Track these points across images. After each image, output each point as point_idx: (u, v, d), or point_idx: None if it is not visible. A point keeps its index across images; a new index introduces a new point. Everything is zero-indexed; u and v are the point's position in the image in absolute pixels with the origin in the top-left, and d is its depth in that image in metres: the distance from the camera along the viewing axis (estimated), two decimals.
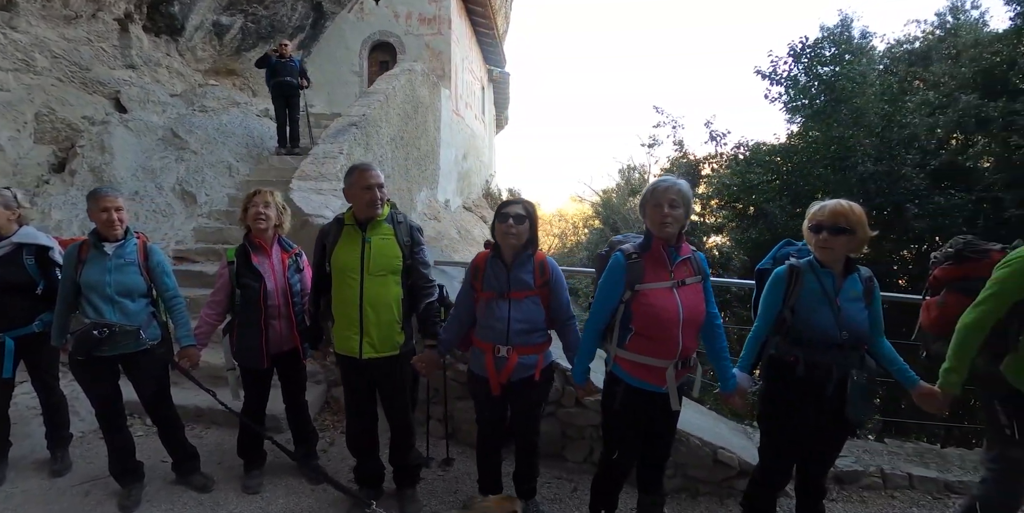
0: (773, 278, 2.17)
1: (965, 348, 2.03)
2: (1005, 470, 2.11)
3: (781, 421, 2.17)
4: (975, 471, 3.18)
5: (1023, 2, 7.91)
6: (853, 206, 2.08)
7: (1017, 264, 1.98)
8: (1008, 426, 2.07)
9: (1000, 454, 2.12)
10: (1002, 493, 2.13)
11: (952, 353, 2.05)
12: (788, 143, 9.23)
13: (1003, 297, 1.99)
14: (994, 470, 2.15)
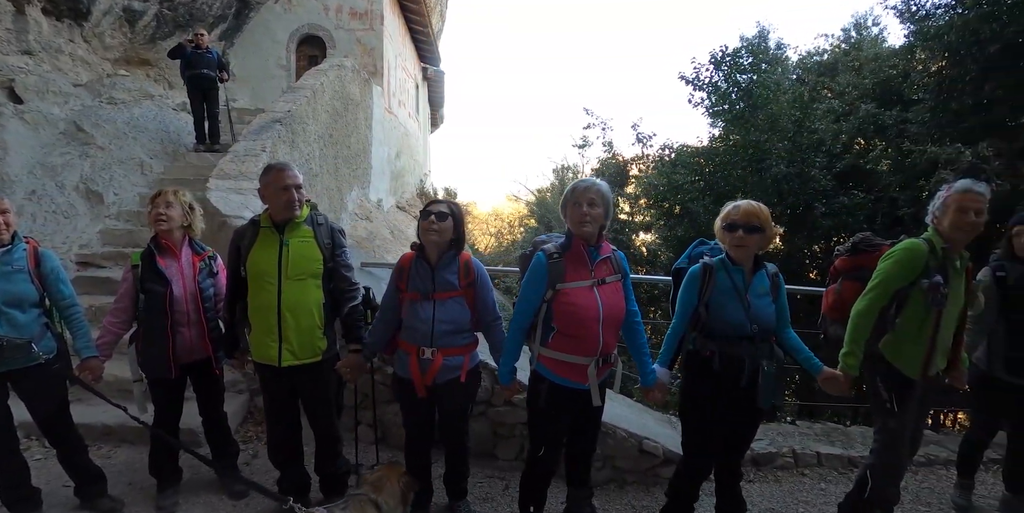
0: (688, 276, 2.28)
1: (858, 333, 2.25)
2: (888, 439, 2.34)
3: (701, 414, 2.28)
4: None
5: (916, 21, 8.72)
6: (762, 206, 2.23)
7: (897, 256, 2.23)
8: (888, 400, 2.30)
9: (883, 425, 2.35)
10: (888, 459, 2.35)
11: (848, 338, 2.26)
12: (710, 146, 9.75)
13: (887, 286, 2.23)
14: (879, 440, 2.38)
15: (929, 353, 2.24)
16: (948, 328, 2.27)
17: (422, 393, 2.29)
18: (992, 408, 2.93)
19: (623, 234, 9.13)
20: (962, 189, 2.21)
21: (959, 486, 3.10)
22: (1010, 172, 6.05)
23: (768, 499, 3.05)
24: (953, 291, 2.22)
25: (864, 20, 13.38)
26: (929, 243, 2.22)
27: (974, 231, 2.18)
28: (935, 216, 2.28)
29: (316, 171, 6.63)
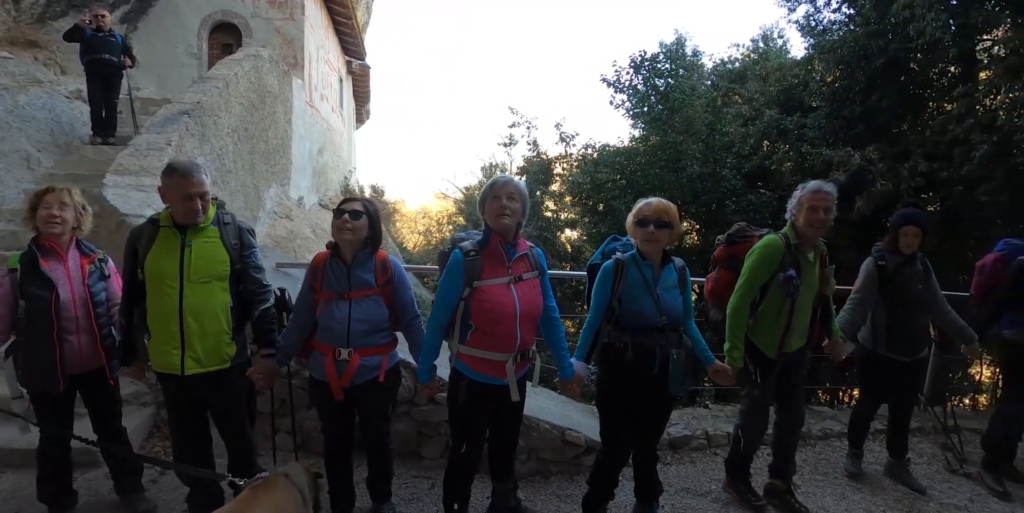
0: (602, 272, 2.37)
1: (737, 328, 2.57)
2: (753, 404, 2.78)
3: (617, 404, 2.38)
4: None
5: (815, 36, 9.49)
6: (670, 204, 2.36)
7: (758, 253, 2.56)
8: (753, 373, 2.67)
9: (749, 393, 2.78)
10: (753, 420, 2.80)
11: (729, 334, 2.57)
12: (631, 146, 10.15)
13: (752, 282, 2.58)
14: (746, 405, 2.83)
15: (783, 335, 2.59)
16: (802, 312, 2.62)
17: (339, 396, 2.24)
18: (876, 382, 3.28)
19: (548, 231, 9.33)
20: (814, 189, 2.54)
21: (850, 455, 3.45)
22: (892, 173, 6.73)
23: (684, 479, 3.24)
24: (806, 280, 2.57)
25: (771, 32, 14.45)
26: (785, 238, 2.56)
27: (824, 227, 2.51)
28: (792, 213, 2.60)
29: (229, 167, 6.27)
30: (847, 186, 6.65)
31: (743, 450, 2.88)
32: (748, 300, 2.58)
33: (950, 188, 6.46)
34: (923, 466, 3.62)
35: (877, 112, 7.45)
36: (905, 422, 3.32)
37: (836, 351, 2.89)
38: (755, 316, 2.62)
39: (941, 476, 3.51)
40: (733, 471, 2.98)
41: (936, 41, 6.82)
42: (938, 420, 3.86)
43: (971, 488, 3.35)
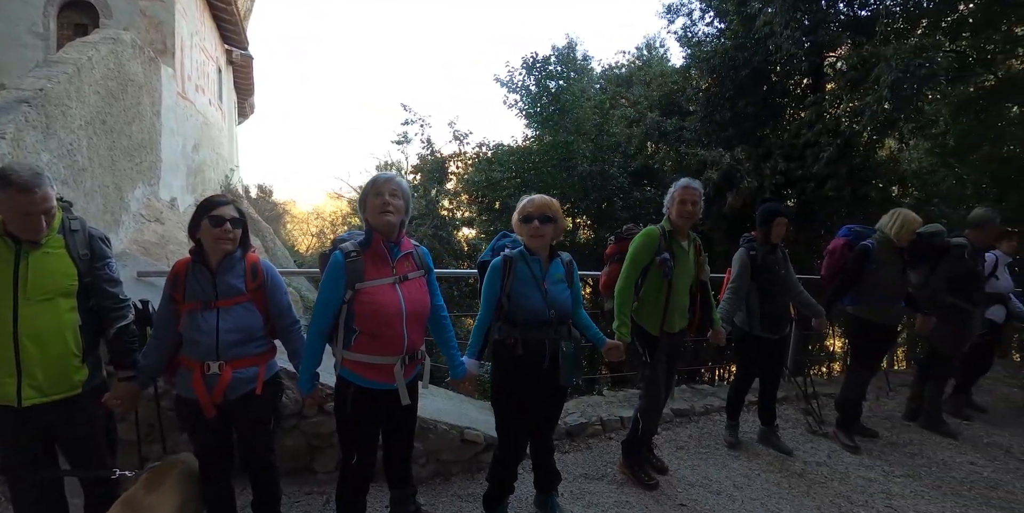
0: (490, 269, 2.39)
1: (623, 306, 2.82)
2: (648, 384, 2.94)
3: (511, 399, 2.41)
4: None
5: (691, 46, 10.28)
6: (553, 200, 2.43)
7: (639, 240, 2.86)
8: (643, 353, 2.90)
9: (642, 374, 2.96)
10: (650, 400, 2.96)
11: (617, 312, 2.80)
12: (525, 145, 10.40)
13: (635, 264, 2.84)
14: (642, 387, 3.00)
15: (664, 314, 2.85)
16: (680, 294, 2.90)
17: (211, 413, 2.04)
18: (751, 359, 3.65)
19: (444, 230, 9.31)
20: (683, 185, 2.88)
21: (729, 427, 3.80)
22: (757, 172, 7.49)
23: (581, 466, 3.36)
24: (681, 265, 2.87)
25: (654, 42, 15.42)
26: (662, 228, 2.87)
27: (693, 218, 2.86)
28: (667, 207, 2.91)
29: (84, 165, 5.54)
30: (720, 183, 7.31)
31: (642, 431, 3.05)
32: (632, 282, 2.84)
33: (804, 185, 7.36)
34: (789, 430, 4.08)
35: (744, 117, 8.26)
36: (773, 392, 3.72)
37: (719, 338, 3.20)
38: (639, 298, 2.88)
39: (804, 438, 3.97)
40: (629, 452, 3.16)
41: (791, 56, 7.69)
42: (800, 388, 4.35)
43: (829, 446, 3.83)
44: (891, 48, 6.47)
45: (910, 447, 3.92)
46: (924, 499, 3.16)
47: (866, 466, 3.55)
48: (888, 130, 7.37)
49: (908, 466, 3.59)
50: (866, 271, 3.62)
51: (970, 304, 4.01)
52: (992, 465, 3.71)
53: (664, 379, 3.00)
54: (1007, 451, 3.98)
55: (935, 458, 3.75)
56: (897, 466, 3.57)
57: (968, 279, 3.97)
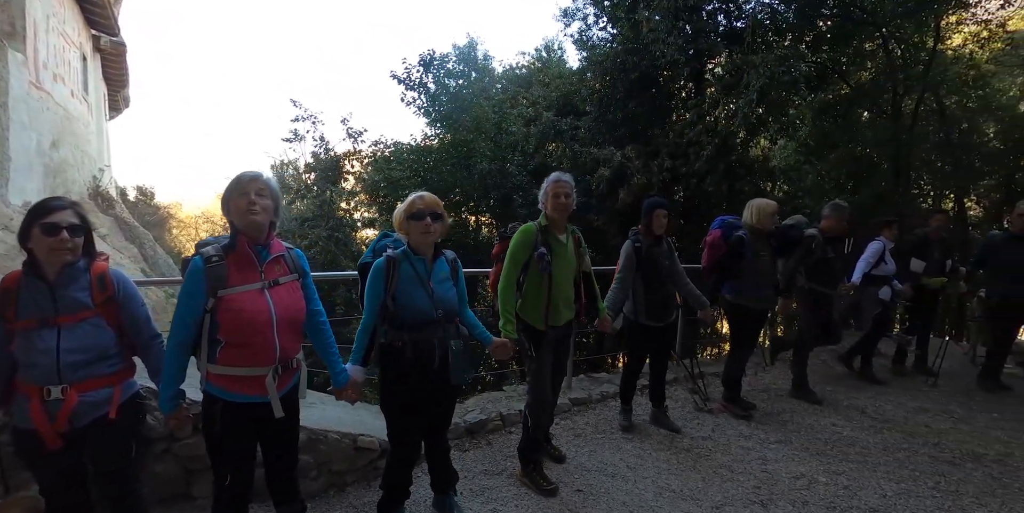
0: (373, 270, 2.31)
1: (507, 303, 2.83)
2: (535, 379, 2.96)
3: (401, 403, 2.35)
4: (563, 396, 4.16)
5: (586, 49, 10.66)
6: (437, 198, 2.39)
7: (516, 237, 2.90)
8: (528, 348, 2.92)
9: (529, 369, 2.98)
10: (537, 395, 2.96)
11: (501, 310, 2.82)
12: (425, 144, 10.30)
13: (515, 262, 2.87)
14: (530, 382, 3.02)
15: (547, 308, 2.90)
16: (563, 286, 2.96)
17: (53, 443, 1.79)
18: (639, 346, 3.83)
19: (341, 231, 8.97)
20: (555, 180, 2.94)
21: (622, 412, 3.97)
22: (646, 169, 7.95)
23: (481, 462, 3.36)
24: (561, 258, 2.92)
25: (552, 44, 15.89)
26: (538, 224, 2.91)
27: (567, 210, 2.91)
28: (542, 202, 2.96)
29: None
30: (613, 180, 7.66)
31: (533, 427, 3.04)
32: (513, 279, 2.86)
33: (688, 181, 7.92)
34: (679, 409, 4.34)
35: (635, 117, 8.74)
36: (662, 376, 3.93)
37: (605, 327, 3.34)
38: (522, 294, 2.91)
39: (692, 415, 4.24)
40: (525, 459, 3.12)
41: (674, 61, 8.23)
42: (687, 370, 4.65)
43: (713, 420, 4.12)
44: (759, 57, 7.14)
45: (783, 415, 4.32)
46: (794, 461, 3.49)
47: (745, 436, 3.86)
48: (759, 130, 8.11)
49: (781, 432, 3.96)
50: (742, 261, 3.93)
51: (826, 288, 4.51)
52: (850, 425, 4.18)
53: (551, 372, 3.05)
54: (862, 411, 4.50)
55: (803, 423, 4.17)
56: (772, 433, 3.92)
57: (821, 266, 4.47)
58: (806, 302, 4.51)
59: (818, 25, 10.11)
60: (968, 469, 3.52)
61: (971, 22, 11.47)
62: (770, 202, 3.98)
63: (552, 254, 2.86)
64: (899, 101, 11.28)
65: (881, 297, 5.20)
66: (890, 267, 5.20)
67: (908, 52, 11.31)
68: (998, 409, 4.70)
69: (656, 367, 3.91)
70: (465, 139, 9.00)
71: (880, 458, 3.61)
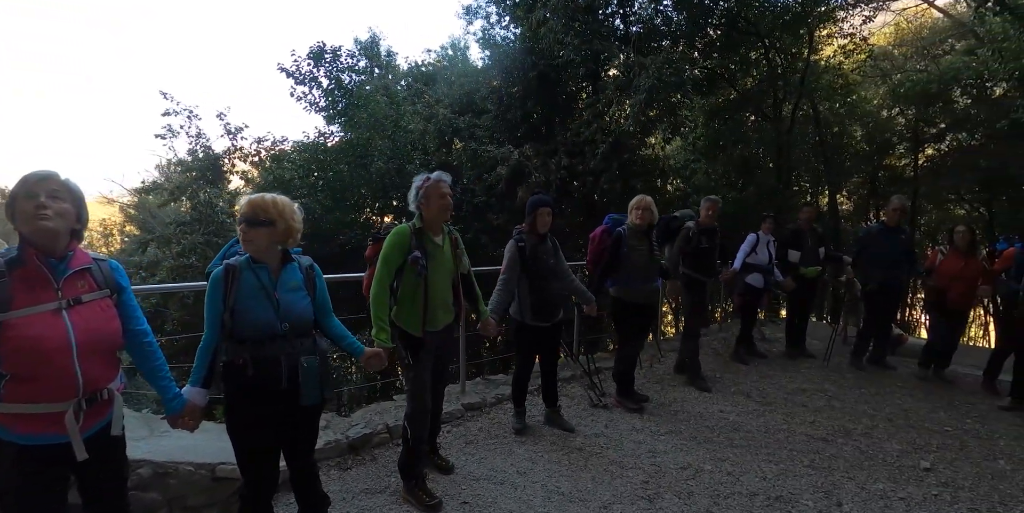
0: (210, 282, 2.03)
1: (380, 310, 2.63)
2: (412, 387, 2.80)
3: (248, 429, 2.07)
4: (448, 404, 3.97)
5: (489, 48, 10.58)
6: (276, 199, 2.10)
7: (389, 240, 2.70)
8: (406, 356, 2.77)
9: (407, 377, 2.82)
10: (415, 405, 2.80)
11: (374, 318, 2.61)
12: (318, 141, 9.71)
13: (387, 266, 2.68)
14: (407, 390, 2.85)
15: (424, 313, 2.73)
16: (440, 290, 2.80)
17: None
18: (527, 346, 3.70)
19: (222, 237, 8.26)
20: (437, 179, 2.77)
21: (516, 414, 3.84)
22: (544, 167, 7.98)
23: (364, 480, 3.09)
24: (436, 260, 2.77)
25: (459, 42, 15.75)
26: (412, 226, 2.73)
27: (445, 210, 2.76)
28: (420, 203, 2.76)
29: None
30: (511, 179, 7.61)
31: (413, 439, 2.84)
32: (386, 284, 2.68)
33: (585, 178, 8.05)
34: (574, 407, 4.28)
35: (534, 116, 8.77)
36: (553, 375, 3.84)
37: (487, 329, 3.20)
38: (397, 300, 2.73)
39: (587, 412, 4.19)
40: (406, 474, 2.90)
41: (571, 61, 8.33)
42: (582, 367, 4.61)
43: (607, 416, 4.10)
44: (649, 59, 7.38)
45: (674, 405, 4.39)
46: (683, 451, 3.52)
47: (637, 429, 3.86)
48: (650, 130, 8.40)
49: (671, 423, 4.00)
50: (621, 255, 3.94)
51: (702, 275, 4.71)
52: (736, 410, 4.32)
53: (431, 379, 2.88)
54: (747, 396, 4.69)
55: (693, 412, 4.25)
56: (663, 424, 3.95)
57: (697, 255, 4.68)
58: (687, 290, 4.72)
59: (708, 33, 10.73)
60: (839, 444, 3.73)
61: (839, 35, 12.71)
62: (644, 197, 4.03)
63: (427, 257, 2.71)
64: (779, 106, 12.23)
65: (749, 282, 5.57)
66: (761, 257, 5.56)
67: (787, 61, 12.31)
68: (866, 385, 5.09)
69: (546, 368, 3.80)
70: (361, 136, 8.58)
71: (762, 440, 3.74)
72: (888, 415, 4.34)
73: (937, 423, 4.22)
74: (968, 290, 4.92)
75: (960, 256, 4.90)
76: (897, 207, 5.28)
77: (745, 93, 12.39)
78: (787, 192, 11.90)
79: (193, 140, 8.66)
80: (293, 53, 9.04)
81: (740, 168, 12.46)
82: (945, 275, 4.96)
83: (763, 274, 5.57)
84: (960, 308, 5.03)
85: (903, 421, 4.23)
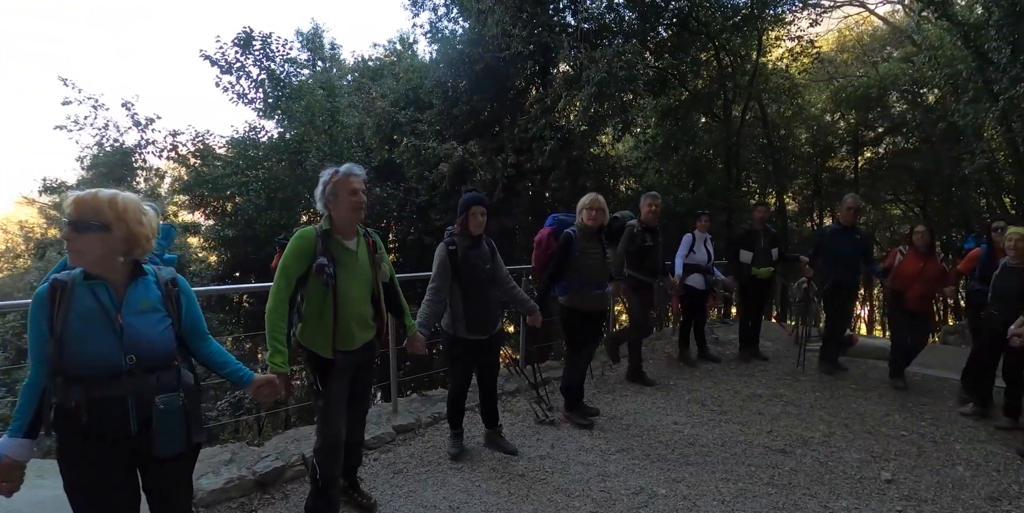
0: (33, 302, 1.56)
1: (275, 330, 2.22)
2: (322, 416, 2.39)
3: (87, 490, 1.59)
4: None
5: (437, 41, 10.14)
6: (117, 196, 1.59)
7: (290, 245, 2.29)
8: (313, 382, 2.35)
9: (315, 405, 2.40)
10: (325, 437, 2.40)
11: (269, 338, 2.19)
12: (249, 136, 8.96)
13: (286, 277, 2.27)
14: (317, 420, 2.44)
15: (334, 331, 2.31)
16: (355, 302, 2.38)
17: None
18: (463, 363, 3.28)
19: None
20: (347, 173, 2.34)
21: (452, 437, 3.42)
22: (490, 165, 7.59)
23: None
24: (348, 268, 2.35)
25: (408, 36, 15.24)
26: (318, 229, 2.32)
27: (359, 209, 2.35)
28: (328, 201, 2.34)
29: None
30: (454, 177, 7.20)
31: (322, 478, 2.41)
32: (284, 297, 2.27)
33: (533, 176, 7.70)
34: (518, 425, 3.90)
35: (480, 111, 8.37)
36: (492, 394, 3.43)
37: (415, 346, 2.79)
38: (301, 316, 2.35)
39: (532, 430, 3.81)
40: None
41: (519, 54, 7.97)
42: (529, 379, 4.24)
43: (555, 434, 3.73)
44: (599, 52, 7.11)
45: (626, 418, 4.08)
46: (635, 473, 3.20)
47: (586, 449, 3.51)
48: (600, 126, 8.15)
49: (623, 439, 3.68)
50: (571, 259, 3.59)
51: (648, 276, 4.49)
52: (691, 421, 4.05)
53: (347, 407, 2.46)
54: (702, 404, 4.44)
55: (646, 425, 3.95)
56: (614, 441, 3.63)
57: (642, 255, 4.45)
58: (629, 290, 4.50)
59: (659, 32, 10.64)
60: (798, 456, 3.50)
61: (787, 38, 12.93)
62: (591, 197, 3.68)
63: (336, 264, 2.29)
64: (729, 107, 12.30)
65: (689, 284, 5.36)
66: (700, 257, 5.38)
67: (736, 63, 12.41)
68: (820, 389, 4.94)
69: (485, 385, 3.40)
70: (296, 131, 7.95)
71: (719, 455, 3.47)
72: (844, 420, 4.18)
73: (893, 427, 4.08)
74: (928, 291, 4.83)
75: (919, 256, 4.80)
76: (851, 206, 5.18)
77: (696, 94, 12.42)
78: (737, 192, 11.98)
79: (99, 132, 7.76)
80: (218, 39, 8.26)
81: (692, 168, 12.48)
82: (904, 276, 4.85)
83: (702, 274, 5.37)
84: (920, 309, 4.93)
85: (859, 426, 4.06)
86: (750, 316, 5.97)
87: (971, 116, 9.58)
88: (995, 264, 4.23)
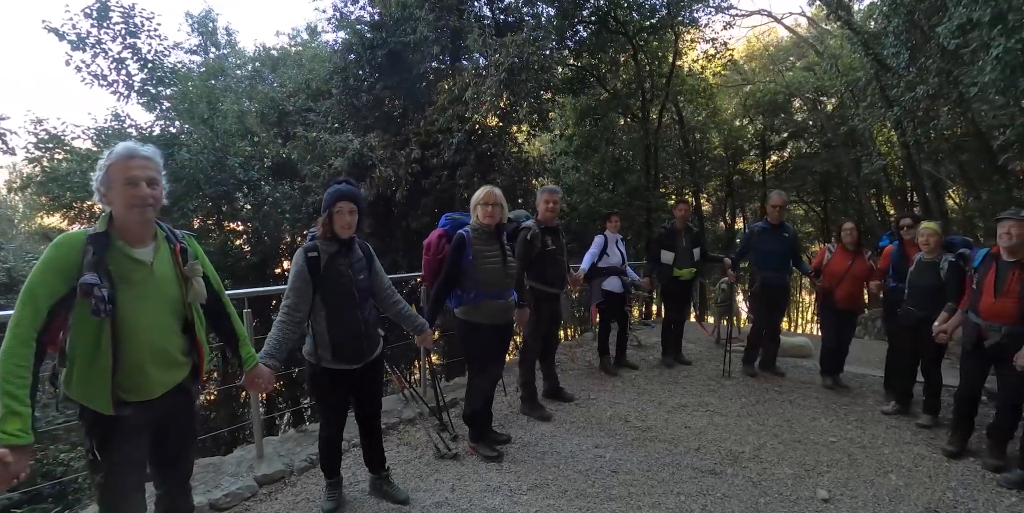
0: None
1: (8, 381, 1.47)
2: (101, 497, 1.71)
3: None
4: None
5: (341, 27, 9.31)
6: None
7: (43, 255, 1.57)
8: (89, 449, 1.65)
9: (93, 481, 1.69)
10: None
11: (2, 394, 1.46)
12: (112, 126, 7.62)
13: (34, 302, 1.54)
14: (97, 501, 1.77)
15: (113, 376, 1.60)
16: (149, 333, 1.68)
17: None
18: (331, 399, 2.59)
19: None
20: (125, 155, 1.63)
21: (327, 487, 2.74)
22: (392, 160, 6.89)
23: None
24: (140, 286, 1.66)
25: (316, 25, 14.27)
26: (93, 231, 1.62)
27: (143, 206, 1.62)
28: (101, 193, 1.63)
29: None
30: (350, 173, 6.45)
31: None
32: (26, 332, 1.52)
33: (440, 172, 7.05)
34: (415, 462, 3.26)
35: (383, 101, 7.65)
36: (375, 432, 2.77)
37: (254, 384, 2.10)
38: (66, 359, 1.63)
39: (431, 468, 3.19)
40: None
41: (425, 38, 7.32)
42: (425, 405, 3.62)
43: (457, 472, 3.13)
44: (510, 37, 6.64)
45: (541, 443, 3.55)
46: None
47: (493, 488, 2.94)
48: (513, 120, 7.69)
49: (537, 472, 3.14)
50: (465, 265, 3.01)
51: (554, 287, 3.96)
52: (614, 442, 3.60)
53: (141, 481, 1.77)
54: (625, 420, 4.01)
55: (564, 451, 3.44)
56: (526, 476, 3.08)
57: (544, 261, 3.82)
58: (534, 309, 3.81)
59: (578, 30, 10.41)
60: (730, 477, 3.14)
61: (702, 40, 13.20)
62: (485, 190, 3.08)
63: (118, 282, 1.60)
64: (647, 108, 12.32)
65: (606, 288, 5.00)
66: (614, 259, 5.05)
67: (654, 64, 12.46)
68: (745, 394, 4.68)
69: (364, 423, 2.73)
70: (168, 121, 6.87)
71: (645, 484, 3.02)
72: (772, 429, 3.90)
73: (821, 433, 3.85)
74: (856, 289, 4.71)
75: (847, 254, 4.67)
76: (777, 203, 5.00)
77: (615, 94, 12.36)
78: (655, 192, 12.00)
79: None
80: (67, 9, 6.87)
81: (612, 168, 12.39)
82: (833, 274, 4.71)
83: (619, 276, 5.01)
84: (849, 307, 4.79)
85: (788, 435, 3.80)
86: (672, 319, 5.68)
87: (868, 121, 10.07)
88: (907, 260, 4.15)
